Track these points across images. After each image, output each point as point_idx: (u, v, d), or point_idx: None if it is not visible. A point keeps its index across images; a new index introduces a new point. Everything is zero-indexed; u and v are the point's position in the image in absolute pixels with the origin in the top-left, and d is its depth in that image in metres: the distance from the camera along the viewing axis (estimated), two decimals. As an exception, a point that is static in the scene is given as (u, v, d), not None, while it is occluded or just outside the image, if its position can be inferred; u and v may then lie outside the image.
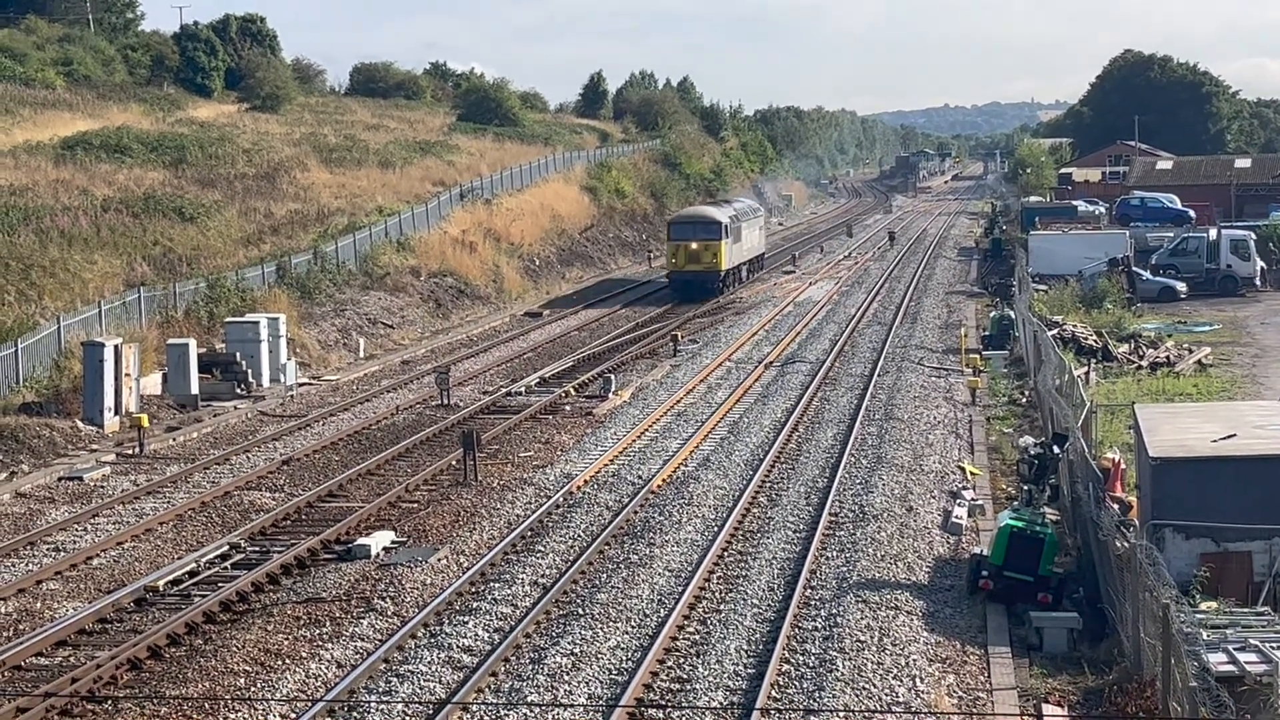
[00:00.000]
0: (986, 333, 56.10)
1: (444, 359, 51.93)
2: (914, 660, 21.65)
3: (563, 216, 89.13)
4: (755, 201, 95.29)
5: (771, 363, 50.40)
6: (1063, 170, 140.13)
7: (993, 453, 36.19)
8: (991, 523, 28.38)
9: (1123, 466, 29.21)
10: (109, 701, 20.25)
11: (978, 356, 49.40)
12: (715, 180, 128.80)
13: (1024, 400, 42.41)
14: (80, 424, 38.14)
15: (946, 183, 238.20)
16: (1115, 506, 24.09)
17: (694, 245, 70.43)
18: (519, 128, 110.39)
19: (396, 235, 67.03)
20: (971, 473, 33.82)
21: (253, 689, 20.65)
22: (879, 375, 47.08)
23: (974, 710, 19.93)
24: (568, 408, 42.71)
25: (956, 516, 29.49)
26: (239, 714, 19.64)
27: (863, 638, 22.49)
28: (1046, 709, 19.64)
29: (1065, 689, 20.59)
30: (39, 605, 24.85)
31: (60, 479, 34.07)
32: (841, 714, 19.57)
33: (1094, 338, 50.74)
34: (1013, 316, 54.46)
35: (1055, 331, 47.56)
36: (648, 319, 64.35)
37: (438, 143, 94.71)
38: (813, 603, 24.32)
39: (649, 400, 43.26)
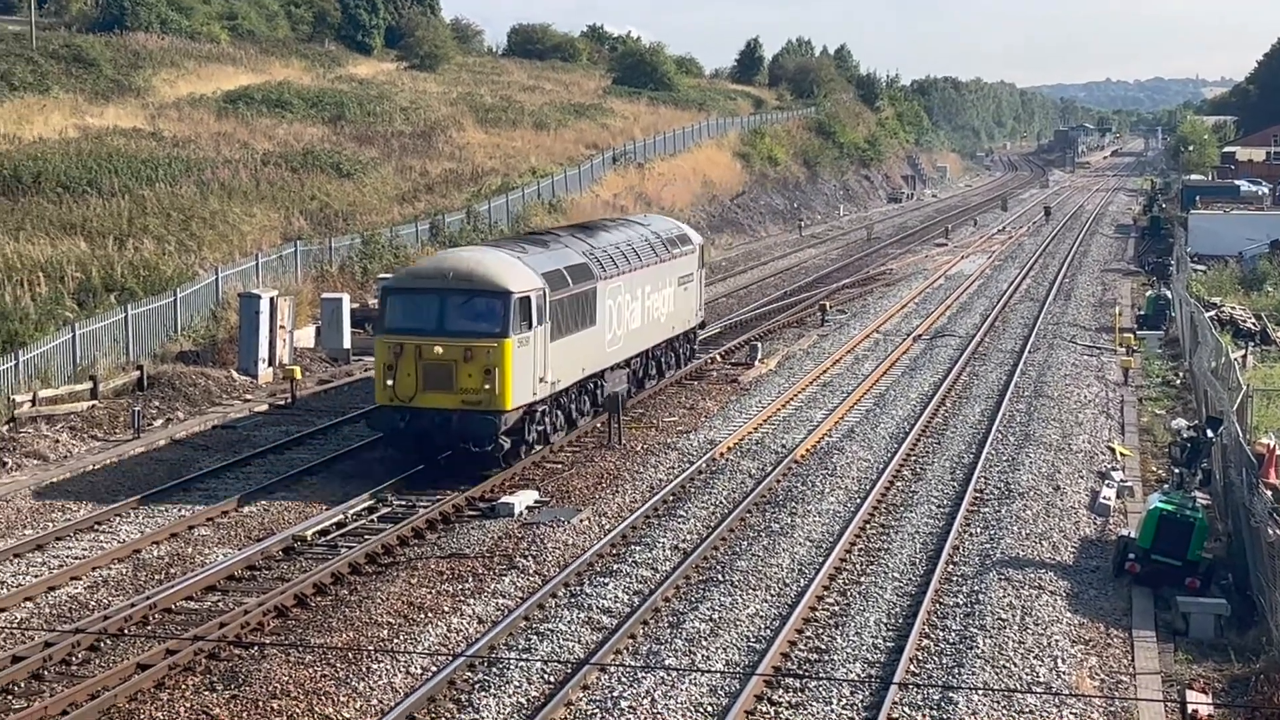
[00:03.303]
0: (1142, 312, 55.19)
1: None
2: (1056, 640, 21.42)
3: (714, 182, 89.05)
4: (666, 222, 43.33)
5: (920, 336, 49.98)
6: (1226, 149, 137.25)
7: (1144, 434, 35.62)
8: (1140, 505, 27.96)
9: (1278, 453, 28.62)
10: (255, 648, 20.63)
11: (1132, 336, 48.65)
12: (869, 150, 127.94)
13: (1178, 382, 41.71)
14: (235, 374, 38.84)
15: (1105, 158, 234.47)
16: (1269, 493, 23.63)
17: (438, 349, 29.41)
18: (674, 92, 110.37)
19: (549, 197, 67.41)
20: (1121, 454, 33.32)
21: (395, 640, 20.95)
22: (1030, 352, 46.52)
23: (1116, 693, 19.69)
24: (713, 374, 42.69)
25: (1105, 497, 29.10)
26: (382, 665, 19.92)
27: (1004, 616, 22.28)
28: (1190, 695, 19.33)
29: (1210, 676, 20.27)
30: (190, 550, 25.38)
31: (214, 427, 34.73)
32: (981, 692, 19.41)
33: (1253, 321, 49.73)
34: (1169, 296, 53.56)
35: (1213, 313, 46.66)
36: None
37: (592, 105, 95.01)
38: (954, 578, 24.15)
39: (795, 369, 43.11)
